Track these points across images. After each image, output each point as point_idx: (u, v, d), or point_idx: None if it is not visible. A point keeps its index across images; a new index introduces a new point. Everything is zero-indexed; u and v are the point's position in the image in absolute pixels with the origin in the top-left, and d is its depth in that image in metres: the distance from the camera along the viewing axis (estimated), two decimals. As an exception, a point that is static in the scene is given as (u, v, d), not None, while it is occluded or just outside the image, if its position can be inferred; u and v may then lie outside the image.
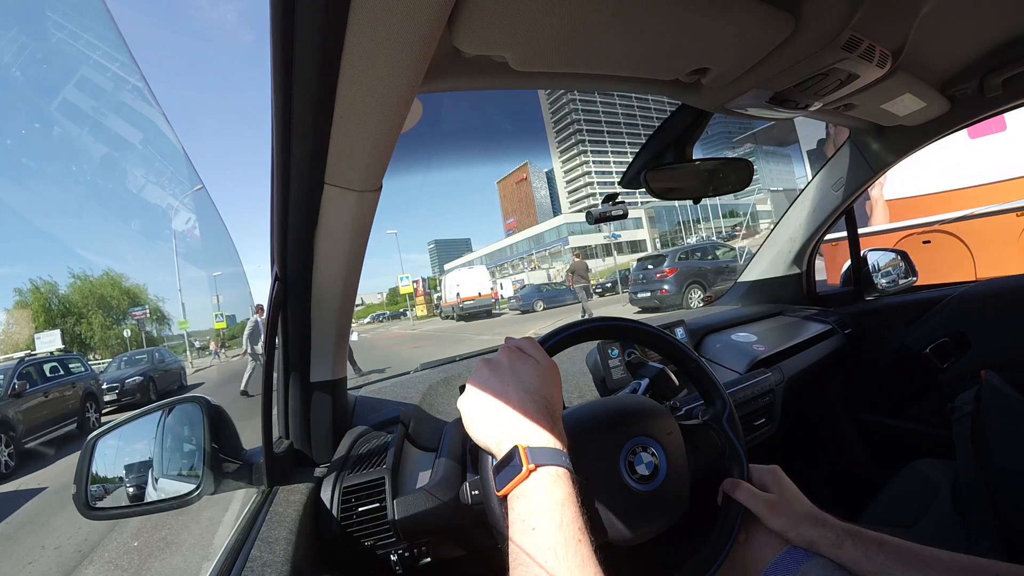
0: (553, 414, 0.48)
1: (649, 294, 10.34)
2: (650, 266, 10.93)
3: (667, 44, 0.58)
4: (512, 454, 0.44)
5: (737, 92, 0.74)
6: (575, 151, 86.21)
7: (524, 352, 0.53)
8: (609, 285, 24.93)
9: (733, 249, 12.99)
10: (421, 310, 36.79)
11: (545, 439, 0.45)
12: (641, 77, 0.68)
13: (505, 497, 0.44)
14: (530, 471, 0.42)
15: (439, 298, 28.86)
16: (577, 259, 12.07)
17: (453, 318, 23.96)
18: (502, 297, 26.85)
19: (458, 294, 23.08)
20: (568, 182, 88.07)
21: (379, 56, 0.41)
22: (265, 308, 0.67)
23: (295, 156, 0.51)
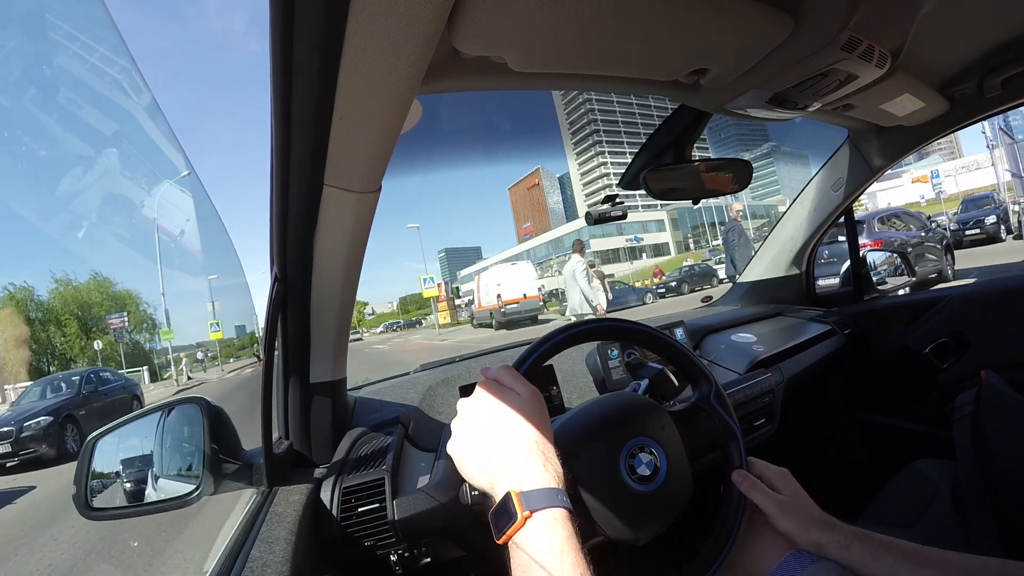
0: (544, 449, 0.47)
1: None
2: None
3: (666, 45, 0.59)
4: (506, 502, 0.43)
5: (736, 93, 0.74)
6: (592, 151, 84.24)
7: (503, 385, 0.51)
8: (674, 284, 20.35)
9: (932, 219, 10.12)
10: (444, 317, 29.86)
11: (538, 480, 0.44)
12: (640, 78, 0.68)
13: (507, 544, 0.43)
14: (525, 519, 0.41)
15: (469, 302, 23.67)
16: (592, 268, 11.41)
17: (491, 325, 19.19)
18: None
19: (499, 296, 18.12)
20: (585, 184, 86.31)
21: (379, 57, 0.41)
22: (269, 304, 0.67)
23: (295, 157, 0.51)
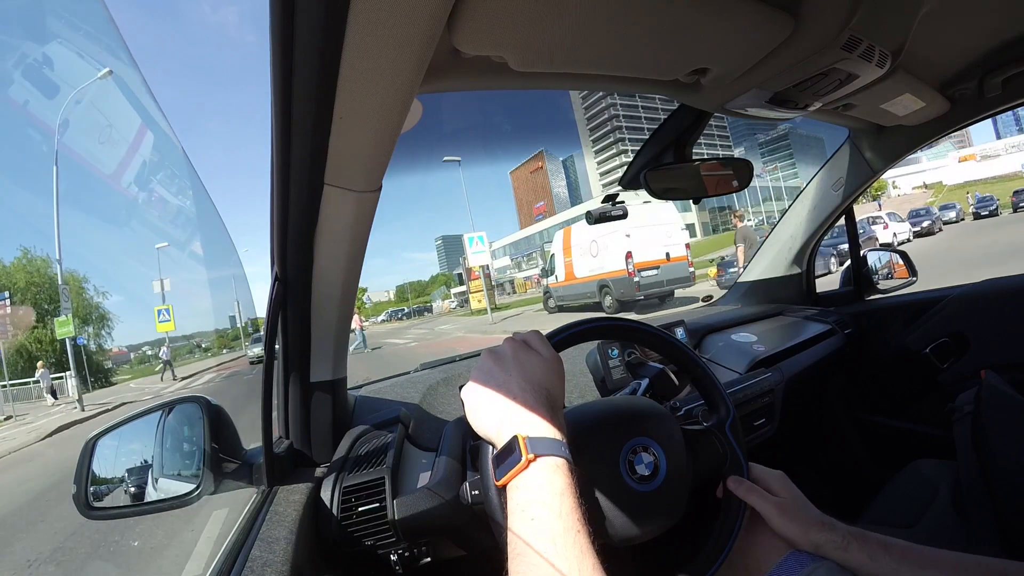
0: (554, 406, 0.48)
1: None
2: None
3: (667, 44, 0.59)
4: (512, 444, 0.44)
5: (737, 92, 0.74)
6: (613, 149, 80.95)
7: (529, 345, 0.53)
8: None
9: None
10: (478, 300, 21.03)
11: (545, 429, 0.45)
12: (641, 77, 0.68)
13: (504, 487, 0.44)
14: (529, 461, 0.42)
15: (546, 271, 14.54)
16: (741, 224, 7.39)
17: (596, 305, 11.82)
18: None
19: (628, 254, 10.66)
20: (603, 174, 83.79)
21: (379, 56, 0.41)
22: (269, 303, 0.67)
23: (295, 156, 0.52)
